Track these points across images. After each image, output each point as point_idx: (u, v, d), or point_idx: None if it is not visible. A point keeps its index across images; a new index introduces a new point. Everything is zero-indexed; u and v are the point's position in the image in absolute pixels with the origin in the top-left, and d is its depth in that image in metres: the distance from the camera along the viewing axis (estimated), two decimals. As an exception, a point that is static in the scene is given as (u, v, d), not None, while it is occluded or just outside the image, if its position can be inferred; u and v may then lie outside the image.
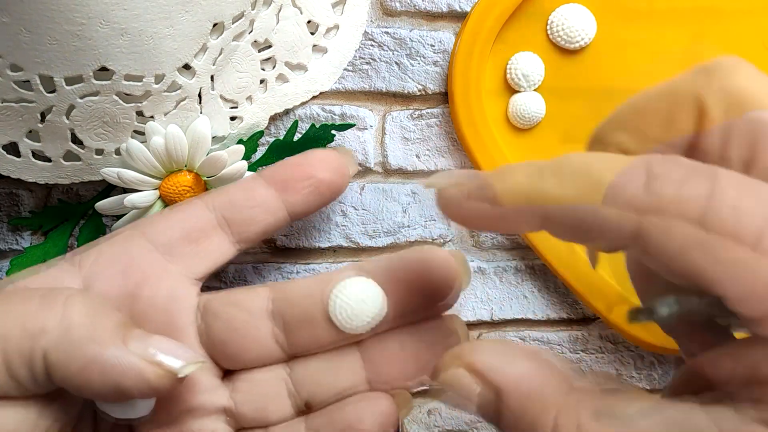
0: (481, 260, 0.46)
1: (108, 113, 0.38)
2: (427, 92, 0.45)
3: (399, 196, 0.45)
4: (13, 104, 0.37)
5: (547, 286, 0.46)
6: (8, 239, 0.44)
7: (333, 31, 0.44)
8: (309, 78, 0.43)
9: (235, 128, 0.42)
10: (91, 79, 0.36)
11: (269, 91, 0.43)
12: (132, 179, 0.39)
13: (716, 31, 0.44)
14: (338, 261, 0.45)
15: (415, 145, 0.45)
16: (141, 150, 0.39)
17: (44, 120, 0.38)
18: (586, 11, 0.43)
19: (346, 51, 0.44)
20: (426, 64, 0.45)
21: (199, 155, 0.40)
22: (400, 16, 0.45)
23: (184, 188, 0.40)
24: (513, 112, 0.44)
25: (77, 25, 0.34)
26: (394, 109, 0.45)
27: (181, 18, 0.36)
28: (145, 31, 0.35)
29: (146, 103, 0.38)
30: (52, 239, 0.43)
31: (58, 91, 0.36)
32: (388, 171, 0.45)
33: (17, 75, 0.36)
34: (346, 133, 0.45)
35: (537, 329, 0.46)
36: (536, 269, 0.46)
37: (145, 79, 0.37)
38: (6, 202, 0.43)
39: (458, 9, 0.44)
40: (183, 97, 0.39)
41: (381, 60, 0.44)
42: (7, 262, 0.43)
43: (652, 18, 0.44)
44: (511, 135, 0.44)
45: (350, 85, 0.45)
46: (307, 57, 0.43)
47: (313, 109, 0.44)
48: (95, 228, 0.43)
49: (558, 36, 0.43)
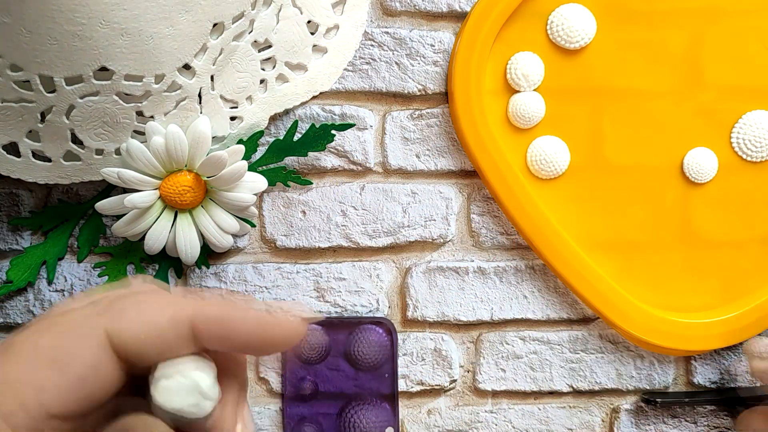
0: (481, 260, 0.46)
1: (108, 113, 0.38)
2: (427, 92, 0.45)
3: (399, 196, 0.45)
4: (13, 104, 0.37)
5: (547, 286, 0.46)
6: (8, 239, 0.44)
7: (333, 31, 0.44)
8: (309, 78, 0.43)
9: (235, 128, 0.42)
10: (91, 79, 0.36)
11: (269, 91, 0.43)
12: (132, 179, 0.39)
13: (716, 31, 0.44)
14: (338, 261, 0.45)
15: (415, 145, 0.45)
16: (141, 150, 0.39)
17: (44, 120, 0.38)
18: (586, 11, 0.43)
19: (346, 51, 0.44)
20: (426, 64, 0.45)
21: (199, 155, 0.40)
22: (400, 16, 0.45)
23: (184, 188, 0.40)
24: (513, 111, 0.44)
25: (77, 25, 0.34)
26: (394, 109, 0.45)
27: (181, 18, 0.36)
28: (145, 31, 0.35)
29: (146, 103, 0.38)
30: (52, 239, 0.43)
31: (58, 91, 0.36)
32: (388, 171, 0.45)
33: (17, 75, 0.36)
34: (346, 133, 0.45)
35: (537, 329, 0.46)
36: (536, 269, 0.46)
37: (145, 79, 0.37)
38: (6, 202, 0.43)
39: (458, 9, 0.44)
40: (183, 97, 0.39)
41: (381, 60, 0.44)
42: (7, 262, 0.43)
43: (652, 18, 0.44)
44: (511, 135, 0.44)
45: (350, 85, 0.45)
46: (307, 57, 0.43)
47: (313, 109, 0.44)
48: (95, 228, 0.43)
49: (558, 36, 0.43)
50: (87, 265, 0.44)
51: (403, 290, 0.45)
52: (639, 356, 0.46)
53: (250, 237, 0.45)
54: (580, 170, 0.44)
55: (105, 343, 0.23)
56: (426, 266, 0.45)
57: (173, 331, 0.24)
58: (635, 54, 0.44)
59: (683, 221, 0.45)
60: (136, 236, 0.42)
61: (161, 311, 0.24)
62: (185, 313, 0.24)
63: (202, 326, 0.24)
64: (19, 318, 0.44)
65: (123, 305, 0.24)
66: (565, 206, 0.45)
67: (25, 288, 0.44)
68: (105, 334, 0.23)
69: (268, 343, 0.25)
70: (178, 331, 0.24)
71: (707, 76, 0.44)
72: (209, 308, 0.24)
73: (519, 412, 0.46)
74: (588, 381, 0.46)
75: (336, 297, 0.45)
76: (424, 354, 0.46)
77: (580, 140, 0.44)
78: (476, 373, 0.46)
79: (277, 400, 0.45)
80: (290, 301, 0.26)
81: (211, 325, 0.24)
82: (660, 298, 0.45)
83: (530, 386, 0.46)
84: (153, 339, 0.23)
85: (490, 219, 0.45)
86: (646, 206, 0.45)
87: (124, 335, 0.23)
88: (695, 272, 0.45)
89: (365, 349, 0.45)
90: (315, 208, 0.45)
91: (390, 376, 0.45)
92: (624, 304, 0.44)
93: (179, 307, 0.24)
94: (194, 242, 0.42)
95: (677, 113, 0.44)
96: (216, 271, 0.45)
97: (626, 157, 0.44)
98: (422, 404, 0.46)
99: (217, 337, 0.24)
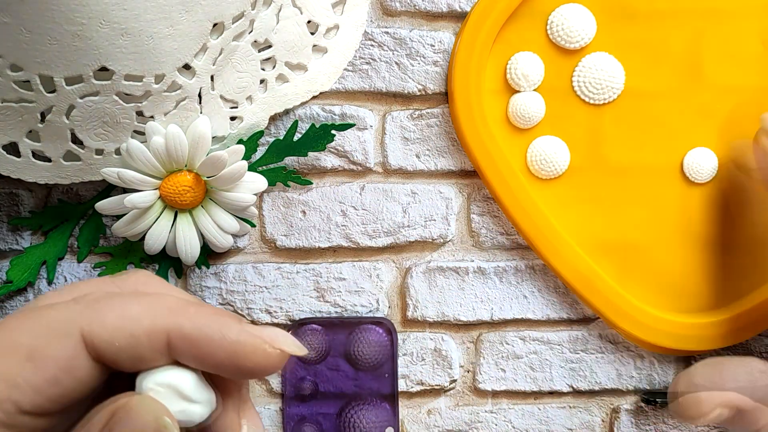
0: (481, 260, 0.46)
1: (108, 113, 0.38)
2: (427, 92, 0.45)
3: (399, 196, 0.45)
4: (13, 104, 0.37)
5: (547, 286, 0.46)
6: (8, 239, 0.44)
7: (333, 31, 0.44)
8: (309, 78, 0.43)
9: (235, 128, 0.42)
10: (91, 79, 0.36)
11: (269, 91, 0.43)
12: (132, 179, 0.39)
13: (716, 31, 0.44)
14: (338, 261, 0.45)
15: (415, 145, 0.45)
16: (141, 150, 0.39)
17: (44, 120, 0.38)
18: (585, 11, 0.43)
19: (346, 51, 0.44)
20: (426, 64, 0.45)
21: (199, 155, 0.40)
22: (400, 16, 0.45)
23: (184, 188, 0.40)
24: (513, 111, 0.44)
25: (77, 25, 0.34)
26: (394, 109, 0.45)
27: (181, 18, 0.36)
28: (145, 31, 0.35)
29: (146, 103, 0.38)
30: (52, 239, 0.43)
31: (58, 91, 0.36)
32: (388, 171, 0.45)
33: (17, 75, 0.36)
34: (346, 133, 0.45)
35: (537, 329, 0.46)
36: (536, 269, 0.46)
37: (145, 79, 0.37)
38: (6, 202, 0.43)
39: (458, 9, 0.44)
40: (183, 97, 0.39)
41: (381, 60, 0.44)
42: (7, 262, 0.43)
43: (652, 18, 0.44)
44: (511, 135, 0.44)
45: (350, 85, 0.45)
46: (307, 57, 0.43)
47: (313, 109, 0.44)
48: (95, 228, 0.43)
49: (558, 36, 0.43)
50: (87, 265, 0.44)
51: (403, 290, 0.45)
52: (639, 356, 0.46)
53: (250, 237, 0.45)
54: (580, 170, 0.44)
55: (80, 344, 0.23)
56: (426, 266, 0.45)
57: (148, 344, 0.23)
58: (635, 54, 0.44)
59: (683, 221, 0.45)
60: (136, 236, 0.42)
61: (139, 320, 0.23)
62: (163, 326, 0.23)
63: (177, 342, 0.24)
64: (19, 318, 0.44)
65: (103, 307, 0.24)
66: (565, 206, 0.45)
67: (25, 288, 0.44)
68: (80, 334, 0.23)
69: (241, 371, 0.24)
70: (152, 343, 0.23)
71: (707, 76, 0.44)
72: (188, 324, 0.24)
73: (519, 412, 0.46)
74: (588, 381, 0.46)
75: (336, 297, 0.45)
76: (424, 354, 0.46)
77: (580, 140, 0.44)
78: (476, 373, 0.46)
79: (277, 400, 0.45)
80: (276, 330, 0.25)
81: (186, 343, 0.24)
82: (660, 298, 0.45)
83: (530, 386, 0.46)
84: (127, 348, 0.23)
85: (490, 219, 0.45)
86: (646, 206, 0.45)
87: (98, 339, 0.23)
88: (695, 272, 0.45)
89: (365, 349, 0.45)
90: (315, 208, 0.45)
91: (390, 376, 0.45)
92: (624, 304, 0.44)
93: (158, 319, 0.24)
94: (194, 242, 0.42)
95: (677, 113, 0.44)
96: (216, 271, 0.45)
97: (626, 157, 0.45)
98: (422, 404, 0.46)
99: (191, 356, 0.24)
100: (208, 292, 0.45)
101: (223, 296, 0.45)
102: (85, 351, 0.23)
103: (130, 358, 0.23)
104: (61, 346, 0.23)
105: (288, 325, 0.45)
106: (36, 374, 0.23)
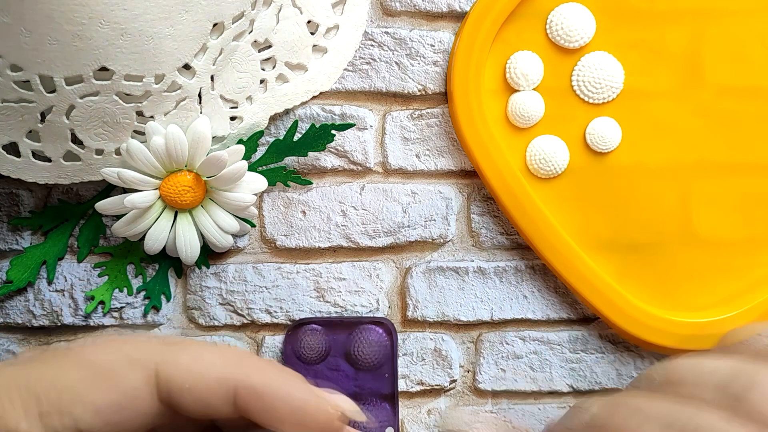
0: (481, 260, 0.46)
1: (108, 113, 0.38)
2: (427, 92, 0.45)
3: (399, 196, 0.45)
4: (13, 104, 0.37)
5: (547, 286, 0.46)
6: (8, 239, 0.44)
7: (333, 31, 0.44)
8: (309, 78, 0.43)
9: (235, 128, 0.42)
10: (91, 79, 0.36)
11: (269, 91, 0.43)
12: (132, 179, 0.39)
13: (716, 31, 0.44)
14: (338, 261, 0.45)
15: (415, 145, 0.45)
16: (141, 150, 0.39)
17: (44, 120, 0.38)
18: (585, 11, 0.43)
19: (346, 51, 0.44)
20: (426, 64, 0.45)
21: (199, 155, 0.40)
22: (400, 16, 0.45)
23: (184, 188, 0.40)
24: (512, 111, 0.44)
25: (77, 25, 0.34)
26: (394, 109, 0.45)
27: (181, 18, 0.36)
28: (145, 32, 0.35)
29: (146, 103, 0.38)
30: (52, 239, 0.43)
31: (58, 91, 0.36)
32: (388, 171, 0.45)
33: (17, 75, 0.36)
34: (346, 133, 0.45)
35: (537, 329, 0.46)
36: (536, 269, 0.46)
37: (145, 79, 0.37)
38: (6, 202, 0.44)
39: (458, 9, 0.44)
40: (183, 97, 0.39)
41: (381, 60, 0.45)
42: (7, 262, 0.43)
43: (652, 18, 0.44)
44: (511, 134, 0.44)
45: (350, 85, 0.45)
46: (307, 57, 0.43)
47: (313, 109, 0.44)
48: (95, 228, 0.43)
49: (557, 35, 0.43)
50: (87, 265, 0.44)
51: (403, 290, 0.45)
52: (639, 356, 0.46)
53: (250, 237, 0.45)
54: (579, 169, 0.44)
55: (152, 378, 0.23)
56: (426, 266, 0.45)
57: (216, 390, 0.24)
58: (634, 53, 0.44)
59: (683, 221, 0.45)
60: (136, 236, 0.42)
61: (212, 366, 0.24)
62: (233, 375, 0.24)
63: (244, 394, 0.24)
64: (19, 318, 0.44)
65: (179, 348, 0.24)
66: (564, 205, 0.45)
67: (25, 288, 0.44)
68: (154, 369, 0.23)
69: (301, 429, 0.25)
70: (220, 391, 0.24)
71: (707, 76, 0.44)
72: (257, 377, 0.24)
73: (519, 412, 0.46)
74: (588, 381, 0.46)
75: (336, 297, 0.45)
76: (424, 354, 0.46)
77: (579, 139, 0.44)
78: (476, 373, 0.46)
79: (277, 400, 0.45)
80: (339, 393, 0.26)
81: (253, 395, 0.24)
82: (660, 298, 0.45)
83: (530, 386, 0.46)
84: (195, 391, 0.24)
85: (490, 219, 0.45)
86: (646, 206, 0.45)
87: (170, 378, 0.23)
88: (695, 272, 0.45)
89: (365, 349, 0.45)
90: (315, 208, 0.45)
91: (390, 376, 0.45)
92: (624, 304, 0.44)
93: (229, 368, 0.24)
94: (194, 242, 0.42)
95: (677, 113, 0.44)
96: (216, 271, 0.45)
97: (626, 156, 0.45)
98: (422, 404, 0.46)
99: (256, 409, 0.24)
100: (208, 292, 0.45)
101: (223, 296, 0.45)
102: (153, 386, 0.24)
103: (195, 401, 0.24)
104: (133, 375, 0.23)
105: (288, 325, 0.45)
106: (102, 395, 0.23)
